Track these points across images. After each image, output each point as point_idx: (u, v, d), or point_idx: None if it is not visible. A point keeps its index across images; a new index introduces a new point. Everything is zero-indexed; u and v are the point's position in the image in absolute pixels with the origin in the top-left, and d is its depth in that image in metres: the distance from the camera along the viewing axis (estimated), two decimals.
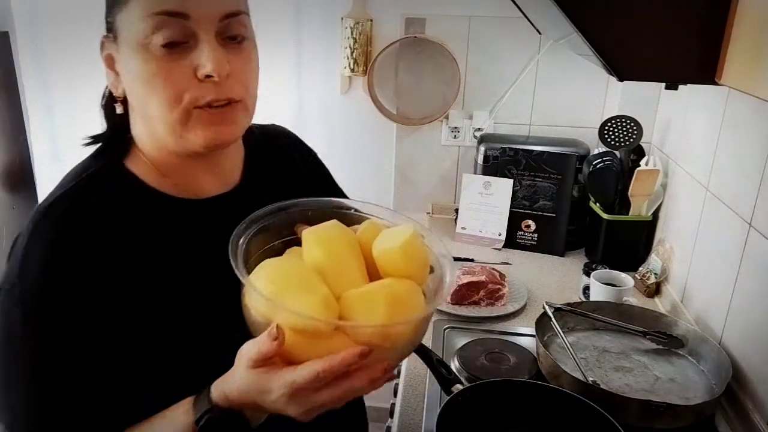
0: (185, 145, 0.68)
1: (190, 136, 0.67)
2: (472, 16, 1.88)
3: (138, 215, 0.70)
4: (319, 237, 0.64)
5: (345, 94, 1.99)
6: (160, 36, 0.62)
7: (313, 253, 0.63)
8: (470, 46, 1.90)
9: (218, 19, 0.65)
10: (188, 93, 0.65)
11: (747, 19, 0.64)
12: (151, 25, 0.62)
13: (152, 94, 0.65)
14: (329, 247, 0.64)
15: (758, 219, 1.10)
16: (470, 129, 1.98)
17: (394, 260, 0.64)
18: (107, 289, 0.65)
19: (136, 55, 0.64)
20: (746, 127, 1.19)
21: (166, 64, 0.64)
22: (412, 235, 0.65)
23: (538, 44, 1.87)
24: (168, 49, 0.63)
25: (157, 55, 0.63)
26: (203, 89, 0.65)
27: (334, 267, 0.63)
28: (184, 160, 0.72)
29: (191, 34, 0.64)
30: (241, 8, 0.68)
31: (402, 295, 0.62)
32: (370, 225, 0.70)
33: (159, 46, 0.63)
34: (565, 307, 1.26)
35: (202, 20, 0.63)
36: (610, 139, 1.67)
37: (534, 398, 0.95)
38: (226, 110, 0.67)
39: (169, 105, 0.65)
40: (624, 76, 0.76)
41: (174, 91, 0.64)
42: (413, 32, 1.89)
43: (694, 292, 1.38)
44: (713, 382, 1.12)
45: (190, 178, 0.74)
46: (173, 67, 0.64)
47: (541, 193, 1.79)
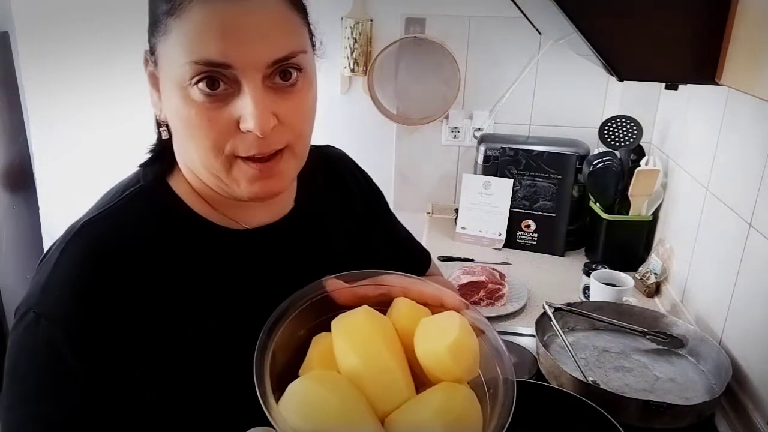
0: (229, 192, 0.63)
1: (234, 186, 0.62)
2: (472, 16, 1.88)
3: (179, 242, 0.65)
4: (352, 337, 0.57)
5: (345, 94, 1.99)
6: (201, 84, 0.57)
7: (348, 361, 0.56)
8: (470, 46, 1.90)
9: (265, 66, 0.58)
10: (230, 143, 0.59)
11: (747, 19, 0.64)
12: (189, 71, 0.56)
13: (191, 139, 0.60)
14: (365, 351, 0.56)
15: (758, 219, 1.10)
16: (470, 129, 1.98)
17: (443, 363, 0.56)
18: (138, 320, 0.60)
19: (175, 94, 0.58)
20: (746, 127, 1.19)
21: (207, 112, 0.58)
22: (460, 332, 0.57)
23: (538, 44, 1.87)
24: (209, 96, 0.57)
25: (197, 101, 0.57)
26: (246, 141, 0.59)
27: (374, 376, 0.55)
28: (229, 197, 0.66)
29: (234, 81, 0.57)
30: (295, 48, 0.60)
31: (460, 417, 0.54)
32: (404, 307, 0.62)
33: (199, 93, 0.57)
34: (565, 307, 1.26)
35: (247, 68, 0.57)
36: (610, 139, 1.67)
37: (534, 398, 0.95)
38: (272, 163, 0.61)
39: (211, 153, 0.60)
40: (624, 76, 0.76)
41: (215, 141, 0.59)
42: (413, 32, 1.89)
43: (694, 292, 1.38)
44: (713, 382, 1.12)
45: (237, 209, 0.68)
46: (214, 116, 0.58)
47: (541, 193, 1.79)
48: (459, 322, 0.58)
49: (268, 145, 0.59)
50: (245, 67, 0.56)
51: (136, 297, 0.60)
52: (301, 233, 0.70)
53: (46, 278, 0.60)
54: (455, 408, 0.55)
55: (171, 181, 0.68)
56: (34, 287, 0.61)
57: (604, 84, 1.88)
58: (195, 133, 0.59)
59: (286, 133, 0.61)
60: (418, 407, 0.55)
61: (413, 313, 0.62)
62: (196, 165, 0.63)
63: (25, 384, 0.59)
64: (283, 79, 0.60)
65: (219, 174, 0.61)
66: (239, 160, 0.60)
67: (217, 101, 0.57)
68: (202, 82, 0.56)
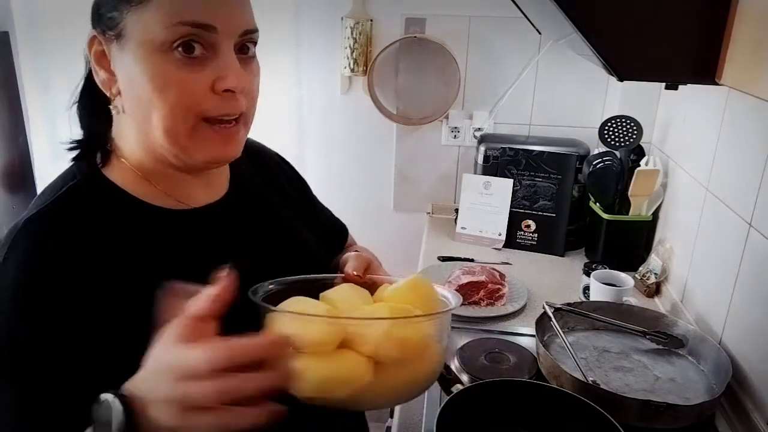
0: (185, 158, 0.66)
1: (193, 150, 0.65)
2: (472, 16, 1.88)
3: (122, 228, 0.66)
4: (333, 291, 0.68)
5: (345, 94, 1.99)
6: (179, 48, 0.61)
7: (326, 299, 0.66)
8: (470, 46, 1.91)
9: (239, 35, 0.64)
10: (201, 105, 0.63)
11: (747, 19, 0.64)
12: (175, 33, 0.60)
13: (162, 101, 0.62)
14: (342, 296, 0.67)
15: (758, 219, 1.10)
16: (470, 129, 1.98)
17: (403, 295, 0.65)
18: (88, 312, 0.61)
19: (147, 60, 0.61)
20: (746, 127, 1.19)
21: (185, 75, 0.62)
22: (416, 277, 0.68)
23: (538, 44, 1.87)
24: (187, 60, 0.61)
25: (175, 63, 0.61)
26: (217, 102, 0.64)
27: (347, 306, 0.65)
28: (175, 170, 0.70)
29: (212, 45, 0.62)
30: (256, 26, 0.68)
31: (407, 309, 0.63)
32: (384, 286, 0.72)
33: (178, 56, 0.61)
34: (565, 307, 1.26)
35: (226, 33, 0.63)
36: (610, 139, 1.67)
37: (534, 398, 0.95)
38: (232, 128, 0.66)
39: (180, 115, 0.63)
40: (624, 76, 0.76)
41: (188, 103, 0.62)
42: (413, 32, 1.89)
43: (694, 292, 1.38)
44: (713, 382, 1.12)
45: (181, 187, 0.72)
46: (191, 79, 0.62)
47: (541, 193, 1.78)
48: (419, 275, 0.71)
49: (234, 107, 0.65)
50: (225, 32, 0.62)
51: (85, 288, 0.62)
52: (241, 211, 0.74)
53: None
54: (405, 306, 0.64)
55: (107, 171, 0.70)
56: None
57: (604, 84, 1.88)
58: (168, 97, 0.62)
59: (244, 101, 0.66)
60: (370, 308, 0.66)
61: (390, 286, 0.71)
62: (156, 135, 0.64)
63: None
64: (242, 53, 0.66)
65: (181, 140, 0.64)
66: (204, 125, 0.64)
67: (194, 64, 0.62)
68: (180, 48, 0.61)
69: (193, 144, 0.65)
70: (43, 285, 0.61)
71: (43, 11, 2.01)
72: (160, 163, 0.69)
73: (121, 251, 0.65)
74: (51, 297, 0.60)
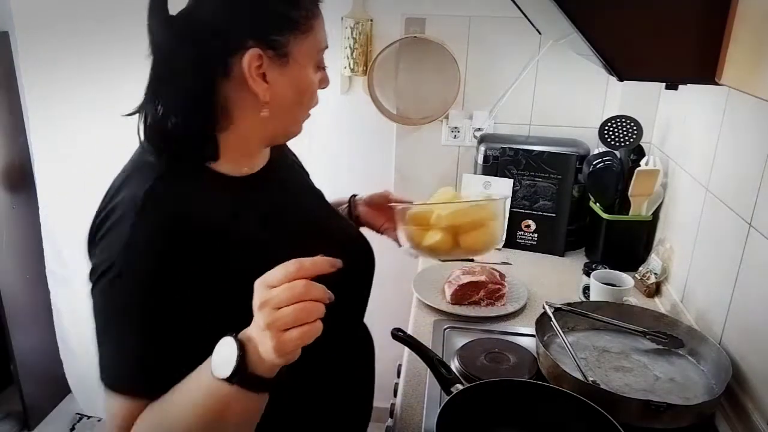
0: (291, 134, 0.91)
1: (297, 129, 0.90)
2: (472, 16, 1.88)
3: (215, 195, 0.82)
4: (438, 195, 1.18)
5: (345, 94, 1.99)
6: (322, 63, 0.87)
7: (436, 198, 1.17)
8: (470, 46, 1.91)
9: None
10: (314, 102, 0.89)
11: (747, 19, 0.64)
12: (321, 55, 0.86)
13: (306, 102, 0.87)
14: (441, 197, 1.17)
15: (758, 219, 1.10)
16: (470, 129, 1.98)
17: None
18: (199, 271, 0.75)
19: (301, 72, 0.83)
20: (746, 127, 1.19)
21: (315, 81, 0.86)
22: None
23: (538, 44, 1.87)
24: (319, 71, 0.87)
25: (314, 74, 0.85)
26: (316, 97, 0.89)
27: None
28: (261, 147, 0.90)
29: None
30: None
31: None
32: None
33: (317, 68, 0.86)
34: (565, 307, 1.26)
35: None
36: (610, 139, 1.67)
37: (534, 398, 0.95)
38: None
39: (308, 107, 0.88)
40: (624, 76, 0.76)
41: (313, 103, 0.88)
42: (413, 32, 1.89)
43: (694, 292, 1.38)
44: (713, 382, 1.12)
45: (253, 159, 0.90)
46: (316, 84, 0.87)
47: (541, 193, 1.79)
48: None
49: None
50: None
51: (196, 252, 0.75)
52: (284, 174, 0.98)
53: (126, 242, 0.72)
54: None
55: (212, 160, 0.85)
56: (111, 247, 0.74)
57: (604, 84, 1.88)
58: (310, 97, 0.87)
59: None
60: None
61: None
62: (294, 127, 0.89)
63: (112, 324, 0.75)
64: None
65: (300, 122, 0.89)
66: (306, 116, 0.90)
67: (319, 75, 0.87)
68: (321, 61, 0.87)
69: (299, 124, 0.90)
70: (166, 248, 0.74)
71: (43, 11, 2.01)
72: (268, 141, 0.90)
73: (217, 214, 0.80)
74: (171, 257, 0.74)
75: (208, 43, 0.76)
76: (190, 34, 0.76)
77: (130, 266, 0.72)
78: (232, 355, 0.66)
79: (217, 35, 0.76)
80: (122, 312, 0.74)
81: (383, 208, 1.17)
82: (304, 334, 0.64)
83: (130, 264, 0.72)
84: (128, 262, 0.72)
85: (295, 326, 0.63)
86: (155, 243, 0.73)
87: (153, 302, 0.73)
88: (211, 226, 0.77)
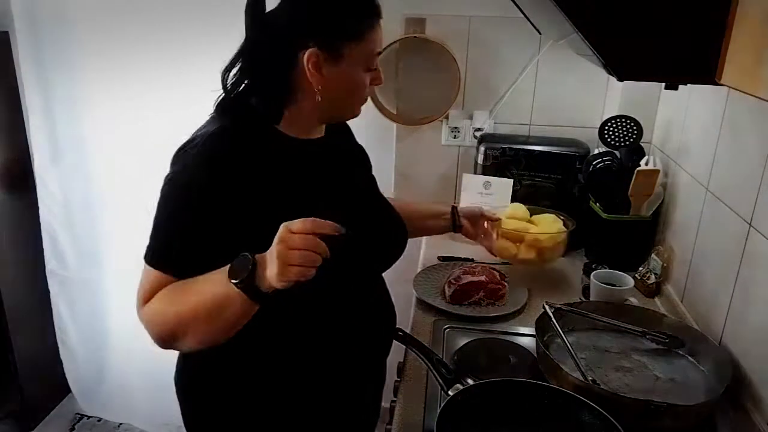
0: (345, 117, 1.12)
1: (351, 115, 1.09)
2: (472, 16, 1.88)
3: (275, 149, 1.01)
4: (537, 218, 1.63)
5: None
6: (373, 65, 1.03)
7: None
8: (470, 46, 1.90)
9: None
10: (364, 95, 1.06)
11: (747, 19, 0.64)
12: (373, 59, 1.02)
13: (358, 95, 1.05)
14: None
15: (758, 219, 1.10)
16: (470, 129, 1.98)
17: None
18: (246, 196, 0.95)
19: (355, 73, 1.01)
20: (746, 126, 1.19)
21: (366, 79, 1.03)
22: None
23: (538, 44, 1.87)
24: (370, 71, 1.03)
25: (365, 74, 1.02)
26: (366, 92, 1.05)
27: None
28: (321, 123, 1.09)
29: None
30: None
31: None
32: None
33: (368, 69, 1.02)
34: (565, 307, 1.26)
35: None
36: (610, 139, 1.67)
37: (534, 398, 0.95)
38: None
39: (356, 99, 1.06)
40: (624, 76, 0.76)
41: (362, 95, 1.06)
42: (413, 32, 1.88)
43: (694, 292, 1.38)
44: (713, 382, 1.12)
45: (311, 129, 1.08)
46: (367, 81, 1.03)
47: (541, 193, 1.78)
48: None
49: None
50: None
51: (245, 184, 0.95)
52: (334, 143, 1.14)
53: (191, 159, 0.95)
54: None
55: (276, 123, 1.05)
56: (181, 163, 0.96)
57: (604, 84, 1.88)
58: (357, 91, 1.04)
59: None
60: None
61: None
62: (342, 107, 1.06)
63: (163, 214, 0.96)
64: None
65: (350, 109, 1.08)
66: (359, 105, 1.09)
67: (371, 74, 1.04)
68: (373, 64, 1.03)
69: (354, 111, 1.09)
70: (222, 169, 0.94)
71: (43, 11, 2.01)
72: (323, 119, 1.08)
73: (268, 159, 0.99)
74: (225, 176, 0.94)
75: (284, 40, 0.97)
76: (273, 32, 0.97)
77: (189, 174, 0.94)
78: (247, 267, 0.87)
79: (290, 35, 0.97)
80: (171, 206, 0.96)
81: (479, 222, 1.47)
82: (300, 273, 0.84)
83: (191, 173, 0.94)
84: (189, 172, 0.94)
85: (296, 265, 0.83)
86: (212, 163, 0.94)
87: (196, 206, 0.94)
88: (261, 166, 0.97)
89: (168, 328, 0.95)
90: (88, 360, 2.42)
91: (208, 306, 0.91)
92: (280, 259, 0.83)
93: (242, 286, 0.87)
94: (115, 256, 2.24)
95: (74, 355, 2.41)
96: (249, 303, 0.89)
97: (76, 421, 2.49)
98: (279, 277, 0.84)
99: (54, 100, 2.11)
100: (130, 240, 2.29)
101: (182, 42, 1.90)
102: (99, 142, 2.13)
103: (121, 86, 2.01)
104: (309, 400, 1.08)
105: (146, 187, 2.15)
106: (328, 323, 1.05)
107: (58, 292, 2.33)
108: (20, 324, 2.28)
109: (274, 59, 0.99)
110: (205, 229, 0.94)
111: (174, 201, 0.96)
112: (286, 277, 0.84)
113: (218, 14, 1.82)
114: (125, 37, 1.95)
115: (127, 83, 2.00)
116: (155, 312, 0.95)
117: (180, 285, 0.94)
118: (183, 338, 0.94)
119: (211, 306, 0.91)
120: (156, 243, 0.97)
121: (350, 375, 1.13)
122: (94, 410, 2.50)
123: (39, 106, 2.12)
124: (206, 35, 1.84)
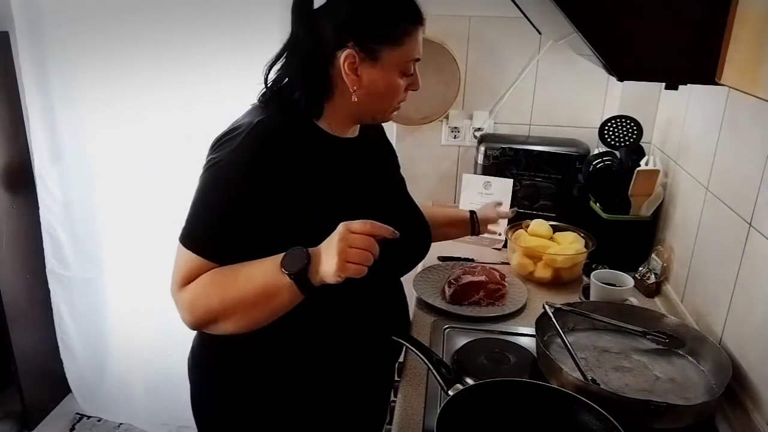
0: (377, 120, 1.12)
1: (383, 119, 1.11)
2: (472, 16, 1.88)
3: (314, 143, 1.03)
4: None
5: None
6: (410, 70, 1.04)
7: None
8: (470, 46, 1.91)
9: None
10: (399, 99, 1.07)
11: (747, 19, 0.64)
12: (409, 65, 1.03)
13: (392, 97, 1.05)
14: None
15: (758, 219, 1.10)
16: (470, 129, 1.98)
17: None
18: (286, 189, 0.97)
19: (390, 76, 1.02)
20: (746, 127, 1.19)
21: (402, 84, 1.04)
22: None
23: (538, 44, 1.87)
24: (406, 76, 1.04)
25: (401, 80, 1.03)
26: (403, 96, 1.07)
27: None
28: (354, 123, 1.11)
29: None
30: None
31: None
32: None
33: (403, 73, 1.03)
34: (565, 307, 1.26)
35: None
36: (610, 139, 1.67)
37: (534, 398, 0.95)
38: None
39: (391, 102, 1.06)
40: (624, 76, 0.76)
41: (399, 98, 1.06)
42: None
43: (694, 292, 1.38)
44: (713, 382, 1.12)
45: (345, 129, 1.10)
46: (403, 85, 1.04)
47: (541, 193, 1.78)
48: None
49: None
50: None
51: (287, 174, 0.97)
52: (371, 144, 1.18)
53: (237, 145, 0.96)
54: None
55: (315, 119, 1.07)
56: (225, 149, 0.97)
57: (604, 84, 1.88)
58: (393, 95, 1.04)
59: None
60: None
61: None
62: (375, 109, 1.06)
63: (203, 197, 0.97)
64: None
65: (385, 112, 1.08)
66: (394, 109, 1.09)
67: (407, 78, 1.05)
68: (410, 69, 1.04)
69: (387, 116, 1.09)
70: (263, 159, 0.96)
71: (43, 11, 2.00)
72: (357, 119, 1.10)
73: (306, 152, 1.00)
74: (266, 168, 0.96)
75: (325, 39, 0.98)
76: (317, 30, 0.98)
77: (231, 161, 0.95)
78: (302, 260, 0.90)
79: (330, 34, 0.98)
80: (212, 191, 0.97)
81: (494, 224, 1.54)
82: (357, 270, 0.88)
83: (232, 161, 0.95)
84: (230, 159, 0.95)
85: (354, 263, 0.88)
86: (263, 148, 0.96)
87: (241, 191, 0.95)
88: (303, 158, 0.99)
89: (210, 311, 0.96)
90: (88, 360, 2.41)
91: (259, 293, 0.94)
92: (341, 256, 0.87)
93: (295, 277, 0.90)
94: (115, 256, 2.24)
95: (74, 355, 2.41)
96: (297, 295, 0.92)
97: (76, 421, 2.49)
98: (338, 272, 0.88)
99: (54, 100, 2.11)
100: (131, 240, 2.31)
101: (182, 42, 1.90)
102: (99, 142, 2.12)
103: (120, 86, 2.01)
104: (319, 396, 1.10)
105: (146, 187, 2.17)
106: (347, 320, 1.09)
107: (58, 292, 2.33)
108: (20, 324, 2.28)
109: (315, 56, 1.00)
110: (247, 215, 0.96)
111: (218, 186, 0.97)
112: (345, 274, 0.88)
113: (218, 14, 1.82)
114: (125, 37, 1.95)
115: (126, 83, 2.00)
116: (198, 296, 0.96)
117: (226, 270, 0.96)
118: (223, 322, 0.97)
119: (261, 293, 0.94)
120: (195, 227, 0.98)
121: (362, 374, 1.15)
122: (94, 410, 2.50)
123: (39, 106, 2.12)
124: (206, 35, 1.83)
